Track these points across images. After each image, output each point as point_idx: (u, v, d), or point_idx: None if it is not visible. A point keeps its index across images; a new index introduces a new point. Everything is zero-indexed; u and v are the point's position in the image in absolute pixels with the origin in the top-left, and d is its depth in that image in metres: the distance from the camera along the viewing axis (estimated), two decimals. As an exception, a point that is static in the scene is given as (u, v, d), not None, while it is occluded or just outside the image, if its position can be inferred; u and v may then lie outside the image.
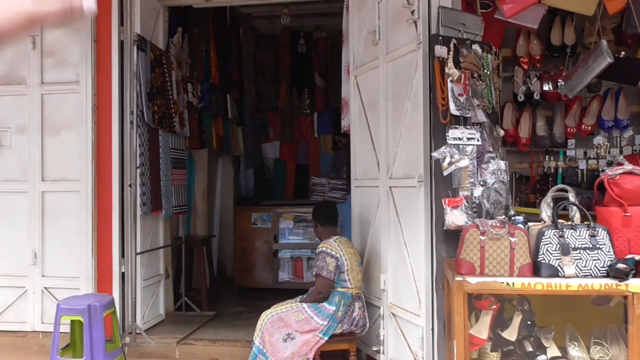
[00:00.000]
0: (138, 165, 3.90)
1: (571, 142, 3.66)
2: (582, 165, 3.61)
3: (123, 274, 3.89)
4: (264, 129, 6.97)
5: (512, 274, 2.25)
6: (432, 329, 2.83)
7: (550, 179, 3.71)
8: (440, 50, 2.75)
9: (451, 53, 2.77)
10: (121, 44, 3.93)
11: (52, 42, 4.04)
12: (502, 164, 2.92)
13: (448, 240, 2.70)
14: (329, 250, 3.15)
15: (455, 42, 2.78)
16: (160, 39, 4.39)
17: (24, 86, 4.07)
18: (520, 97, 3.65)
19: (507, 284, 2.22)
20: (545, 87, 3.59)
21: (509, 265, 2.27)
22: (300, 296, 3.36)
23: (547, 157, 3.71)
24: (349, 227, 3.96)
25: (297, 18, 6.04)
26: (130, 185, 3.87)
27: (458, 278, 2.25)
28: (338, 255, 3.14)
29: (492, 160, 2.90)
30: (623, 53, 3.14)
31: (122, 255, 3.89)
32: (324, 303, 3.15)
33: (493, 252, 2.29)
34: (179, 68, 4.64)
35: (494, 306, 2.49)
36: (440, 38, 2.77)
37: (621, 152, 3.60)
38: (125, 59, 3.92)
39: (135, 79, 3.90)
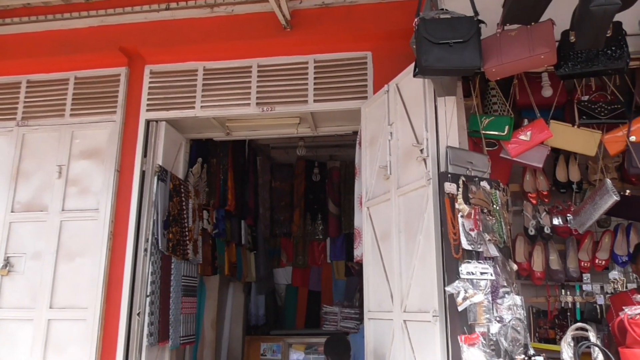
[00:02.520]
0: (148, 293, 3.88)
1: (586, 276, 3.62)
2: (600, 300, 3.52)
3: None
4: (276, 254, 6.99)
5: None
6: None
7: (568, 313, 3.61)
8: (449, 187, 2.85)
9: (460, 189, 2.86)
10: (142, 174, 4.12)
11: (77, 172, 4.23)
12: (518, 299, 2.87)
13: (467, 381, 2.57)
14: (341, 391, 2.99)
15: (463, 179, 2.89)
16: (180, 169, 4.59)
17: (45, 213, 4.17)
18: (531, 231, 3.68)
19: None
20: (555, 222, 3.64)
21: (534, 414, 2.13)
22: None
23: (563, 291, 3.65)
24: (362, 358, 3.79)
25: (312, 149, 6.36)
26: (138, 314, 3.81)
27: None
28: (351, 397, 2.97)
29: (507, 295, 2.86)
30: (628, 191, 3.22)
31: (124, 389, 3.71)
32: None
33: (515, 399, 2.16)
34: (197, 196, 4.80)
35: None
36: (449, 175, 2.89)
37: (638, 287, 3.53)
38: (145, 188, 4.08)
39: (153, 208, 4.02)
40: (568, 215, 3.60)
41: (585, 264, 3.64)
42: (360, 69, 4.01)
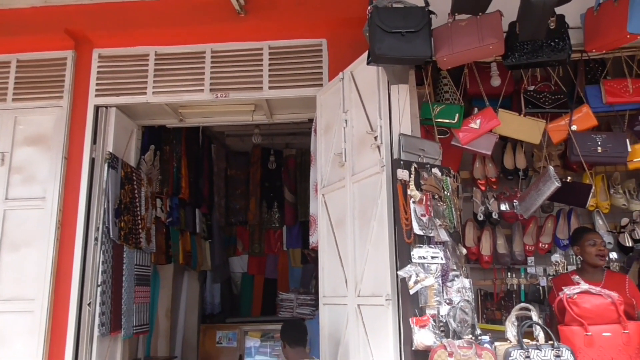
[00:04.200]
0: (99, 283, 3.78)
1: (531, 259, 3.79)
2: (543, 282, 3.70)
3: (74, 402, 3.60)
4: (232, 242, 6.94)
5: (482, 399, 2.20)
6: None
7: (514, 295, 3.77)
8: (402, 174, 2.91)
9: (412, 176, 2.93)
10: (92, 161, 4.00)
11: (22, 159, 4.05)
12: (467, 282, 2.97)
13: (417, 360, 2.65)
14: (296, 375, 3.03)
15: (415, 166, 2.95)
16: (132, 157, 4.47)
17: (-15, 202, 4.01)
18: (480, 217, 3.82)
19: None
20: (503, 207, 3.78)
21: (479, 390, 2.22)
22: None
23: (509, 274, 3.80)
24: (318, 344, 3.84)
25: (268, 137, 6.32)
26: (89, 305, 3.72)
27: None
28: (306, 380, 3.01)
29: (456, 279, 2.95)
30: (570, 178, 3.38)
31: (75, 381, 3.62)
32: None
33: (462, 376, 2.25)
34: (149, 184, 4.70)
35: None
36: (401, 162, 2.94)
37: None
38: (95, 176, 3.97)
39: (104, 196, 3.91)
40: (514, 201, 3.74)
41: (530, 248, 3.81)
42: (316, 56, 4.02)
